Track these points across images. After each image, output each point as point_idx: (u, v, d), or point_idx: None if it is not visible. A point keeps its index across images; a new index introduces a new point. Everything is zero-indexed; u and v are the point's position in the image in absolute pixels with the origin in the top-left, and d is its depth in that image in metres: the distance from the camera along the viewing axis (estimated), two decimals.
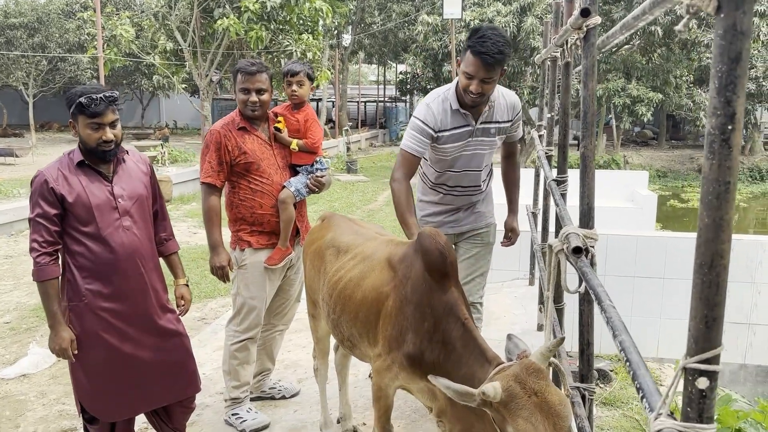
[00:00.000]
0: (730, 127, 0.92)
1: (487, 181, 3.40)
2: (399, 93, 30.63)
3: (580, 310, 2.25)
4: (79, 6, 22.49)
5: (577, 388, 2.24)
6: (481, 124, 3.07)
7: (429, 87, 18.75)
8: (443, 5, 15.25)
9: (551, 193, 3.05)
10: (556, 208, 2.76)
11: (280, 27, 14.78)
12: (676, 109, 20.46)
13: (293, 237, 3.36)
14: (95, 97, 2.43)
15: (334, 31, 22.75)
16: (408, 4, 23.63)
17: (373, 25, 26.29)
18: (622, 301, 5.78)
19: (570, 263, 2.05)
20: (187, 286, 2.93)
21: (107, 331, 2.53)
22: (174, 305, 2.83)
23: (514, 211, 3.52)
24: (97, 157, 2.54)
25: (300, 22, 14.93)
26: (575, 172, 2.29)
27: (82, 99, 2.42)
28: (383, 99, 34.51)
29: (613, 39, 1.94)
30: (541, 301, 4.50)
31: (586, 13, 1.98)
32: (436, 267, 2.18)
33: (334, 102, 26.77)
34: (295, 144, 3.32)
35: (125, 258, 2.54)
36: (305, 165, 3.38)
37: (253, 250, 3.24)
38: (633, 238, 5.89)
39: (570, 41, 2.58)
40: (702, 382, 0.99)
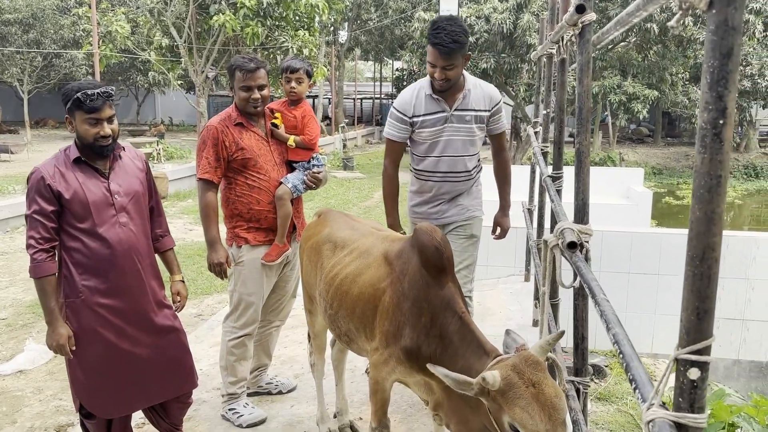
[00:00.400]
0: (721, 121, 0.94)
1: (473, 173, 3.44)
2: (395, 90, 30.59)
3: (574, 304, 2.27)
4: (74, 2, 22.38)
5: (572, 381, 2.26)
6: (455, 110, 3.25)
7: None
8: (439, 2, 15.24)
9: (547, 189, 3.06)
10: (551, 204, 2.78)
11: (276, 23, 14.74)
12: (672, 106, 20.55)
13: (290, 233, 3.36)
14: (93, 92, 2.43)
15: (331, 27, 22.74)
16: (404, 1, 23.58)
17: (369, 21, 26.25)
18: (617, 297, 5.80)
19: (565, 258, 2.07)
20: (183, 282, 2.93)
21: (104, 327, 2.53)
22: (170, 301, 2.83)
23: (502, 206, 3.58)
24: (94, 153, 2.53)
25: (296, 18, 14.89)
26: (571, 169, 2.31)
27: (80, 94, 2.41)
28: (379, 96, 34.50)
29: (608, 35, 1.95)
30: (537, 296, 4.52)
31: (581, 9, 2.00)
32: (432, 262, 2.19)
33: (330, 99, 26.75)
34: (292, 140, 3.32)
35: (122, 254, 2.54)
36: (302, 161, 3.39)
37: (251, 246, 3.24)
38: (628, 234, 5.92)
39: (566, 38, 2.59)
40: (693, 373, 1.01)
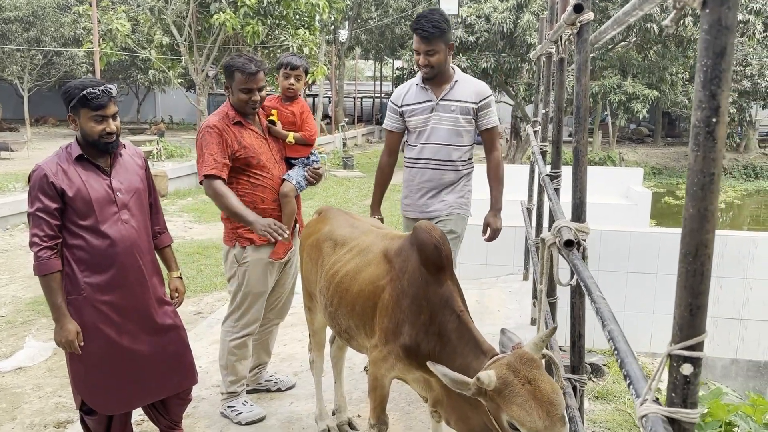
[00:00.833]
0: (714, 119, 0.95)
1: (459, 165, 3.48)
2: (395, 89, 30.55)
3: (571, 302, 2.28)
4: (74, 0, 22.37)
5: (569, 379, 2.27)
6: (441, 100, 3.43)
7: None
8: (439, 1, 15.25)
9: (545, 188, 3.08)
10: (549, 203, 2.79)
11: (277, 22, 14.75)
12: (672, 106, 20.55)
13: (291, 230, 3.37)
14: (99, 89, 2.46)
15: (331, 26, 22.73)
16: (404, 0, 23.59)
17: (369, 20, 26.24)
18: (615, 296, 5.82)
19: (562, 256, 2.08)
20: (181, 278, 2.94)
21: (106, 324, 2.55)
22: (170, 298, 2.84)
23: (492, 206, 3.56)
24: (99, 150, 2.55)
25: (296, 17, 14.90)
26: (570, 168, 2.32)
27: (86, 92, 2.44)
28: (380, 95, 34.49)
29: (605, 34, 1.96)
30: (535, 295, 4.53)
31: (579, 8, 2.01)
32: (431, 260, 2.21)
33: (330, 98, 26.74)
34: (291, 137, 3.32)
35: (124, 251, 2.55)
36: (301, 158, 3.40)
37: (255, 247, 3.21)
38: (626, 233, 5.93)
39: (564, 37, 2.60)
40: (686, 368, 1.02)
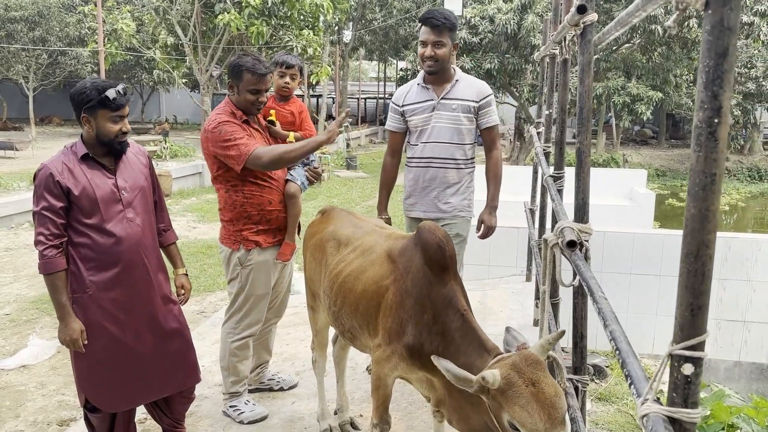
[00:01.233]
0: (716, 120, 0.95)
1: (461, 164, 3.49)
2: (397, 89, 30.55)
3: (573, 303, 2.28)
4: (79, 0, 22.44)
5: (571, 380, 2.27)
6: (442, 99, 3.44)
7: None
8: (444, 2, 15.25)
9: (548, 188, 3.08)
10: (552, 204, 2.80)
11: (281, 22, 14.77)
12: (676, 108, 20.51)
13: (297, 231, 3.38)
14: (119, 90, 2.49)
15: (335, 27, 22.73)
16: (409, 1, 23.59)
17: (373, 21, 26.26)
18: (618, 298, 5.81)
19: (564, 257, 2.08)
20: (187, 275, 2.96)
21: (110, 322, 2.56)
22: (175, 296, 2.86)
23: (488, 203, 3.60)
24: (113, 150, 2.57)
25: (301, 17, 14.93)
26: (573, 170, 2.32)
27: (109, 92, 2.46)
28: (383, 96, 34.50)
29: (608, 35, 1.96)
30: (538, 296, 4.53)
31: (582, 9, 2.01)
32: (435, 260, 2.21)
33: (334, 98, 26.76)
34: (292, 137, 3.32)
35: (129, 249, 2.56)
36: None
37: (261, 249, 3.20)
38: (630, 235, 5.93)
39: (567, 38, 2.61)
40: (687, 368, 1.02)
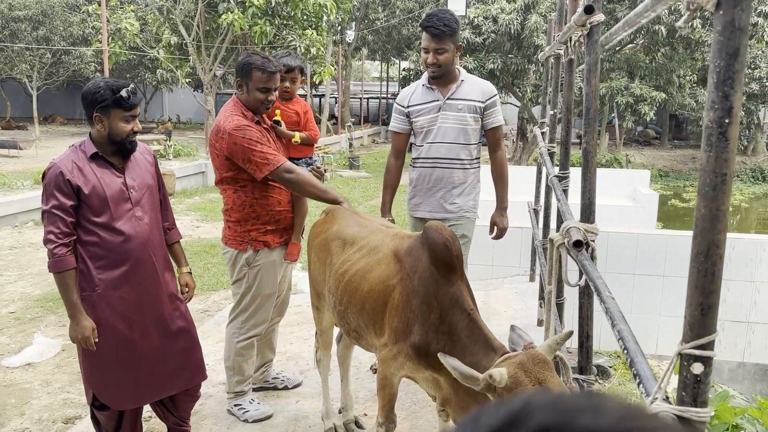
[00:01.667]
0: (727, 120, 0.96)
1: (467, 164, 3.48)
2: (401, 90, 30.56)
3: (579, 303, 2.29)
4: None
5: (576, 380, 2.28)
6: (448, 99, 3.42)
7: None
8: (447, 2, 15.26)
9: (553, 188, 3.08)
10: (557, 204, 2.80)
11: (285, 22, 14.78)
12: (679, 108, 20.47)
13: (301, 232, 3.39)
14: (132, 89, 2.51)
15: (338, 27, 22.73)
16: (412, 1, 23.59)
17: (376, 21, 26.26)
18: (622, 298, 5.79)
19: (571, 257, 2.09)
20: (191, 273, 2.97)
21: (119, 319, 2.57)
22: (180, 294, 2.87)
23: (498, 205, 3.62)
24: (125, 149, 2.59)
25: (304, 17, 14.93)
26: (577, 171, 2.32)
27: (123, 92, 2.48)
28: (386, 96, 34.49)
29: (615, 36, 1.97)
30: (542, 296, 4.53)
31: (589, 10, 2.01)
32: (442, 260, 2.22)
33: (336, 98, 26.77)
34: (298, 137, 3.34)
35: (138, 247, 2.58)
36: (304, 157, 3.42)
37: (269, 249, 3.20)
38: (633, 235, 5.92)
39: (574, 38, 2.61)
40: (697, 368, 1.02)
